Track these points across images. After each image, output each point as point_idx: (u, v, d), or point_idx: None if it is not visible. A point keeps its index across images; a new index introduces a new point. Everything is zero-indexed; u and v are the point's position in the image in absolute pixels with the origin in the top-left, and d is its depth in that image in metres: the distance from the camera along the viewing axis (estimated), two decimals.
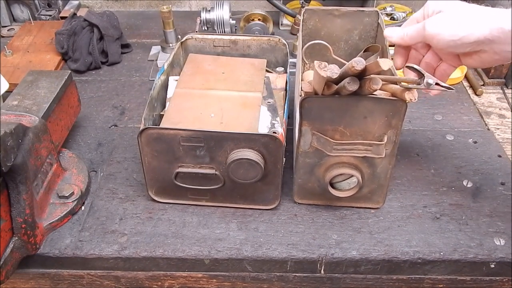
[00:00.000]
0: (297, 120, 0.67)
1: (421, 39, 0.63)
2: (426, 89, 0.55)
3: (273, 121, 0.73)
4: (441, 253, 0.67)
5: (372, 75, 0.57)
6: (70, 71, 0.83)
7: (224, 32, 1.09)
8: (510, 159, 0.83)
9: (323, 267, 0.68)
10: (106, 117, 0.94)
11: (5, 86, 0.80)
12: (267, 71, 0.85)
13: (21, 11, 1.26)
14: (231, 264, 0.68)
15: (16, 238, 0.63)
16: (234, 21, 1.09)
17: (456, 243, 0.68)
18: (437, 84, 0.55)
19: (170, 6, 1.05)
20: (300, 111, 0.63)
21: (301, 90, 0.63)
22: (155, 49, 1.14)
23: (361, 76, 0.57)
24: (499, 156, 0.83)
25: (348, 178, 0.69)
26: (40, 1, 1.25)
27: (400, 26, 0.69)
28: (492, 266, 0.67)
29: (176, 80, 0.81)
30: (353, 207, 0.74)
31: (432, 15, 0.63)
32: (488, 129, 0.90)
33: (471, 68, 1.04)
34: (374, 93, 0.59)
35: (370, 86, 0.56)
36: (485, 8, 0.59)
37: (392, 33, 0.67)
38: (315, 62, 0.57)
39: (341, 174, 0.68)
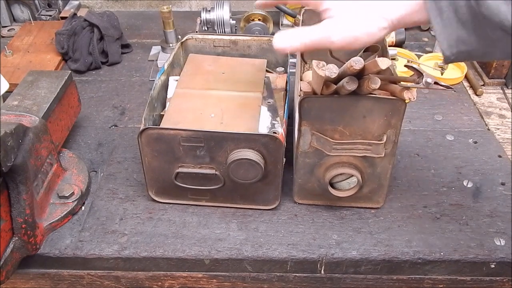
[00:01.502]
0: (296, 120, 0.67)
1: (319, 46, 0.56)
2: (425, 88, 0.55)
3: (273, 121, 0.73)
4: (441, 253, 0.67)
5: (370, 75, 0.57)
6: (70, 71, 0.83)
7: (224, 32, 1.09)
8: (510, 159, 0.83)
9: (323, 267, 0.68)
10: (106, 117, 0.94)
11: (5, 86, 0.80)
12: (267, 71, 0.85)
13: (21, 11, 1.26)
14: (231, 264, 0.68)
15: (16, 238, 0.63)
16: (234, 21, 1.09)
17: (456, 243, 0.68)
18: (436, 83, 0.55)
19: (170, 6, 1.05)
20: (299, 111, 0.63)
21: (300, 90, 0.63)
22: (155, 49, 1.14)
23: (359, 75, 0.57)
24: (499, 156, 0.83)
25: (348, 178, 0.69)
26: (40, 1, 1.26)
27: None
28: (492, 266, 0.67)
29: (176, 80, 0.81)
30: (353, 207, 0.74)
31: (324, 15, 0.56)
32: (488, 129, 0.90)
33: None
34: (373, 92, 0.60)
35: (369, 85, 0.56)
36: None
37: (284, 43, 0.56)
38: (314, 61, 0.57)
39: (341, 174, 0.68)
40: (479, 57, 0.52)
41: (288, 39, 0.56)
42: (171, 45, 1.09)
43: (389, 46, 1.05)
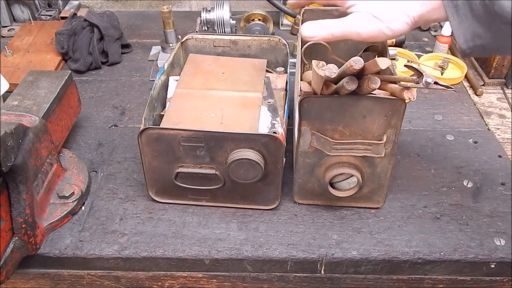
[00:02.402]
0: (296, 120, 0.67)
1: (346, 37, 0.59)
2: (425, 88, 0.55)
3: (273, 121, 0.73)
4: (442, 253, 0.67)
5: (370, 75, 0.57)
6: (70, 71, 0.83)
7: (224, 32, 1.09)
8: (510, 159, 0.83)
9: (323, 267, 0.68)
10: (106, 117, 0.94)
11: (5, 86, 0.80)
12: (267, 71, 0.85)
13: (21, 11, 1.26)
14: (231, 264, 0.68)
15: (16, 238, 0.63)
16: (234, 21, 1.09)
17: (457, 243, 0.68)
18: (436, 83, 0.55)
19: (170, 6, 1.05)
20: (299, 111, 0.63)
21: (300, 90, 0.63)
22: (155, 49, 1.14)
23: (359, 75, 0.57)
24: (499, 156, 0.83)
25: (348, 178, 0.69)
26: (40, 1, 1.26)
27: None
28: (493, 266, 0.67)
29: (176, 80, 0.81)
30: (353, 207, 0.74)
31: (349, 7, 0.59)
32: (488, 129, 0.90)
33: None
34: (373, 92, 0.60)
35: (369, 85, 0.56)
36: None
37: (312, 33, 0.59)
38: (313, 61, 0.57)
39: (341, 174, 0.68)
40: (493, 51, 0.54)
41: (317, 28, 0.59)
42: (171, 45, 1.09)
43: (389, 46, 1.05)
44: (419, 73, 0.56)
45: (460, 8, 0.51)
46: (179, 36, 1.09)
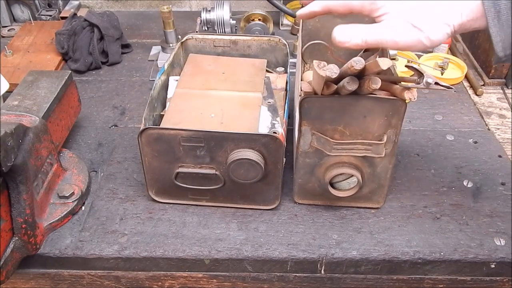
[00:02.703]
0: (297, 120, 0.67)
1: (380, 46, 0.57)
2: (426, 88, 0.55)
3: (273, 121, 0.73)
4: (442, 253, 0.67)
5: (371, 75, 0.57)
6: (70, 71, 0.83)
7: (224, 32, 1.09)
8: (510, 159, 0.83)
9: (323, 267, 0.68)
10: (106, 117, 0.94)
11: (5, 86, 0.80)
12: (267, 71, 0.85)
13: (21, 11, 1.26)
14: (232, 264, 0.68)
15: (17, 238, 0.63)
16: (234, 21, 1.09)
17: (457, 243, 0.68)
18: (436, 83, 0.55)
19: (170, 6, 1.05)
20: (300, 111, 0.63)
21: (301, 90, 0.63)
22: (155, 49, 1.14)
23: (360, 75, 0.57)
24: (500, 156, 0.83)
25: (348, 178, 0.69)
26: (40, 1, 1.26)
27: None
28: (493, 266, 0.67)
29: (177, 80, 0.81)
30: (353, 207, 0.74)
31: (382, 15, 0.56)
32: (489, 129, 0.90)
33: None
34: (374, 92, 0.60)
35: (370, 85, 0.56)
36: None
37: (346, 38, 0.56)
38: (314, 61, 0.57)
39: (341, 174, 0.68)
40: None
41: (351, 34, 0.56)
42: (171, 45, 1.09)
43: None
44: (419, 73, 0.56)
45: (503, 12, 0.50)
46: (179, 36, 1.09)
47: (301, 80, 0.72)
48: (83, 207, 0.74)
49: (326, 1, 0.60)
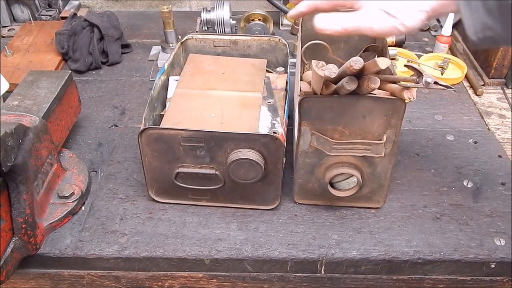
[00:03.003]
0: (296, 120, 0.67)
1: (358, 32, 0.58)
2: (425, 88, 0.55)
3: (273, 121, 0.73)
4: (442, 253, 0.67)
5: (370, 75, 0.57)
6: (70, 71, 0.83)
7: (225, 32, 1.09)
8: (510, 159, 0.83)
9: (323, 267, 0.68)
10: (106, 117, 0.94)
11: (5, 86, 0.80)
12: (267, 71, 0.85)
13: (21, 11, 1.26)
14: (232, 264, 0.68)
15: (17, 238, 0.63)
16: (234, 21, 1.09)
17: (457, 243, 0.68)
18: (435, 83, 0.55)
19: (170, 6, 1.05)
20: (299, 111, 0.63)
21: (300, 90, 0.63)
22: (155, 49, 1.14)
23: (359, 75, 0.57)
24: (500, 156, 0.83)
25: (348, 178, 0.69)
26: (40, 1, 1.26)
27: None
28: (493, 266, 0.67)
29: (177, 80, 0.81)
30: (353, 207, 0.74)
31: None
32: (489, 129, 0.90)
33: None
34: (373, 92, 0.60)
35: (369, 85, 0.56)
36: None
37: (326, 25, 0.58)
38: (313, 61, 0.57)
39: (341, 174, 0.68)
40: (503, 43, 0.55)
41: (330, 21, 0.58)
42: (171, 45, 1.09)
43: (389, 46, 1.05)
44: (419, 73, 0.56)
45: (472, 0, 0.52)
46: (179, 36, 1.09)
47: (301, 80, 0.72)
48: (83, 207, 0.74)
49: (312, 0, 0.63)
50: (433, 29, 1.21)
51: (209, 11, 1.08)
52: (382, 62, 0.53)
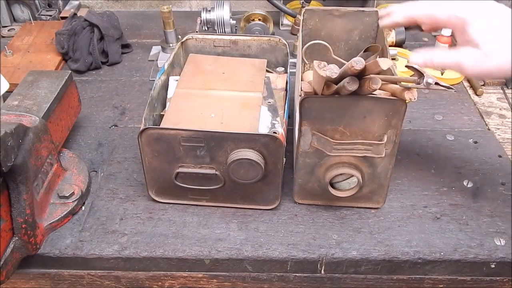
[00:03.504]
0: (297, 120, 0.67)
1: (450, 69, 0.60)
2: (426, 88, 0.55)
3: (274, 121, 0.73)
4: (442, 253, 0.67)
5: (371, 75, 0.57)
6: (70, 71, 0.83)
7: (225, 32, 1.09)
8: (511, 159, 0.83)
9: (323, 267, 0.68)
10: (106, 117, 0.94)
11: (5, 86, 0.80)
12: (267, 71, 0.85)
13: (21, 11, 1.26)
14: (232, 264, 0.68)
15: (17, 238, 0.63)
16: (234, 21, 1.09)
17: (457, 243, 0.68)
18: (436, 83, 0.55)
19: (171, 6, 1.05)
20: (300, 111, 0.63)
21: (301, 90, 0.63)
22: (155, 49, 1.14)
23: (360, 75, 0.57)
24: (500, 156, 0.83)
25: (348, 178, 0.69)
26: (40, 1, 1.26)
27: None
28: (493, 266, 0.67)
29: (177, 80, 0.81)
30: (353, 207, 0.74)
31: (466, 44, 0.58)
32: (489, 129, 0.90)
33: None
34: (374, 92, 0.60)
35: (370, 85, 0.56)
36: None
37: (417, 60, 0.59)
38: (314, 62, 0.57)
39: (341, 174, 0.68)
40: None
41: (424, 57, 0.59)
42: (171, 45, 1.09)
43: (389, 46, 1.05)
44: (419, 74, 0.56)
45: None
46: (179, 36, 1.09)
47: (301, 80, 0.72)
48: (83, 207, 0.74)
49: (410, 11, 0.60)
50: None
51: (209, 11, 1.08)
52: (384, 63, 0.53)
